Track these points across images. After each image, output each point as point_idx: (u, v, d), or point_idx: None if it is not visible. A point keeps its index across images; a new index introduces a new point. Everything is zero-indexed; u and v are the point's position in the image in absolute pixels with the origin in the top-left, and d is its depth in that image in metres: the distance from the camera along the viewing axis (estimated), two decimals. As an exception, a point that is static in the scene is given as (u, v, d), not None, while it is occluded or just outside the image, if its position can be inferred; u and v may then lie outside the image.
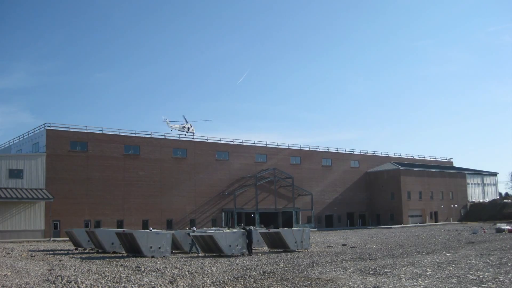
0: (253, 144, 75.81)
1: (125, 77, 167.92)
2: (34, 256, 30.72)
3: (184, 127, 71.37)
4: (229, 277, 19.28)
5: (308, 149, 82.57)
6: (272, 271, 21.37)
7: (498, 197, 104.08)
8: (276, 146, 78.44)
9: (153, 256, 28.93)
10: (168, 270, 21.88)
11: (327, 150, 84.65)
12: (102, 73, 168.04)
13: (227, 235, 30.38)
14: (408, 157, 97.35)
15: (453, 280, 17.82)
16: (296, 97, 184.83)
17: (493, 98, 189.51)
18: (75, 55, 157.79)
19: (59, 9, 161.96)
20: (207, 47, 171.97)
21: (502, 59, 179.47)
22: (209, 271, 21.50)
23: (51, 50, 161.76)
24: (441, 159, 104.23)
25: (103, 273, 20.83)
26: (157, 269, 22.25)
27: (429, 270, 20.74)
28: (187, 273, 20.81)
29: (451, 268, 21.11)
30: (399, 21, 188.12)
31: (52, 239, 53.51)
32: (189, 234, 33.84)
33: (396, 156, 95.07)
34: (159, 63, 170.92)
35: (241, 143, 74.47)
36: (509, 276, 18.37)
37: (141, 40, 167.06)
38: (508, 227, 53.43)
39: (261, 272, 20.94)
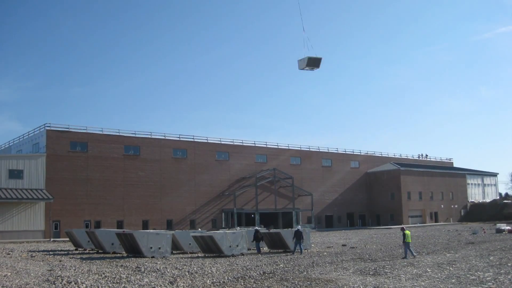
0: (253, 145, 75.81)
1: (125, 77, 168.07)
2: (34, 256, 30.71)
3: None
4: (229, 278, 19.29)
5: (308, 149, 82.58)
6: (272, 271, 21.38)
7: (498, 197, 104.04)
8: (276, 147, 78.46)
9: (153, 257, 28.94)
10: (168, 270, 21.89)
11: (327, 151, 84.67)
12: (102, 74, 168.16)
13: (227, 235, 30.40)
14: (408, 157, 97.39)
15: (453, 280, 17.83)
16: (296, 98, 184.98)
17: (491, 99, 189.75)
18: (73, 58, 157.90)
19: (57, 9, 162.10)
20: (207, 49, 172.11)
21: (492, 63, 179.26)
22: (209, 271, 21.50)
23: (52, 51, 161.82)
24: (441, 159, 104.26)
25: (103, 273, 20.83)
26: (157, 269, 22.25)
27: (429, 270, 20.75)
28: (187, 273, 20.82)
29: (451, 269, 21.11)
30: (396, 25, 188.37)
31: (52, 239, 53.51)
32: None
33: (396, 156, 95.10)
34: (159, 64, 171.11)
35: (241, 144, 74.48)
36: (509, 277, 18.37)
37: (142, 41, 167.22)
38: (508, 227, 53.42)
39: (261, 272, 20.95)
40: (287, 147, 79.74)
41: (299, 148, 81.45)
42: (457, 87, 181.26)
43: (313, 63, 40.06)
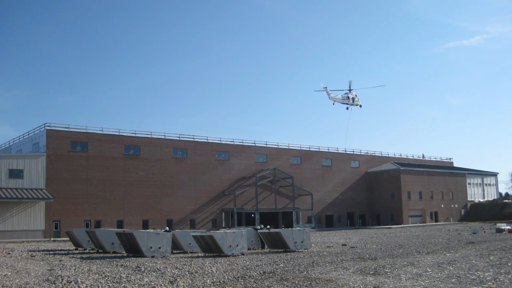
0: (253, 144, 75.80)
1: (126, 78, 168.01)
2: (34, 256, 30.71)
3: (348, 97, 58.01)
4: (229, 277, 19.28)
5: (308, 149, 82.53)
6: (272, 271, 21.36)
7: (498, 197, 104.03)
8: (276, 146, 78.43)
9: (153, 256, 28.93)
10: (168, 270, 21.87)
11: (327, 150, 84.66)
12: (102, 74, 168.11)
13: (227, 235, 30.38)
14: (408, 157, 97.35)
15: (453, 280, 17.82)
16: (296, 99, 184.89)
17: (491, 99, 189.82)
18: (73, 59, 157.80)
19: (56, 11, 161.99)
20: (207, 49, 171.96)
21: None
22: (209, 271, 21.49)
23: (48, 51, 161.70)
24: (441, 159, 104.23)
25: (103, 273, 20.82)
26: (157, 269, 22.24)
27: (429, 270, 20.74)
28: (187, 273, 20.81)
29: (451, 268, 21.10)
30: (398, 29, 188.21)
31: (52, 239, 53.52)
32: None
33: (396, 156, 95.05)
34: (160, 64, 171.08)
35: (241, 143, 74.46)
36: (509, 276, 18.36)
37: (142, 41, 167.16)
38: (508, 227, 53.41)
39: (261, 272, 20.94)
40: (287, 147, 79.72)
41: (299, 148, 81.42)
42: (423, 96, 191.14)
43: None
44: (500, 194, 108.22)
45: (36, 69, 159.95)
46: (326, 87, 56.71)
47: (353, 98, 57.39)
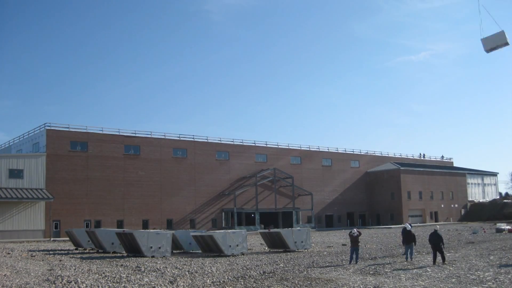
0: (253, 144, 75.79)
1: (126, 78, 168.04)
2: (34, 256, 30.72)
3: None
4: (229, 277, 19.29)
5: (308, 149, 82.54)
6: (272, 271, 21.38)
7: (498, 197, 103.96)
8: (276, 146, 78.43)
9: (153, 256, 28.94)
10: (168, 270, 21.89)
11: (327, 150, 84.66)
12: (103, 74, 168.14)
13: (227, 235, 30.40)
14: (408, 157, 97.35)
15: (453, 280, 17.84)
16: (296, 98, 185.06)
17: (493, 99, 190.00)
18: (75, 60, 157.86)
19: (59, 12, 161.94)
20: (208, 50, 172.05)
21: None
22: (209, 271, 21.50)
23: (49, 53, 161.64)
24: (442, 158, 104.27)
25: (103, 273, 20.84)
26: (157, 269, 22.25)
27: (429, 270, 20.76)
28: (187, 273, 20.82)
29: (451, 268, 21.12)
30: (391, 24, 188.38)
31: (52, 239, 53.51)
32: None
33: (396, 156, 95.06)
34: (160, 65, 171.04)
35: (241, 143, 74.45)
36: (509, 276, 18.38)
37: (143, 42, 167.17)
38: (508, 227, 53.42)
39: (261, 272, 20.95)
40: (287, 147, 79.71)
41: (299, 148, 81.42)
42: (391, 104, 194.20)
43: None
44: (500, 194, 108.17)
45: (31, 72, 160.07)
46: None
47: None
